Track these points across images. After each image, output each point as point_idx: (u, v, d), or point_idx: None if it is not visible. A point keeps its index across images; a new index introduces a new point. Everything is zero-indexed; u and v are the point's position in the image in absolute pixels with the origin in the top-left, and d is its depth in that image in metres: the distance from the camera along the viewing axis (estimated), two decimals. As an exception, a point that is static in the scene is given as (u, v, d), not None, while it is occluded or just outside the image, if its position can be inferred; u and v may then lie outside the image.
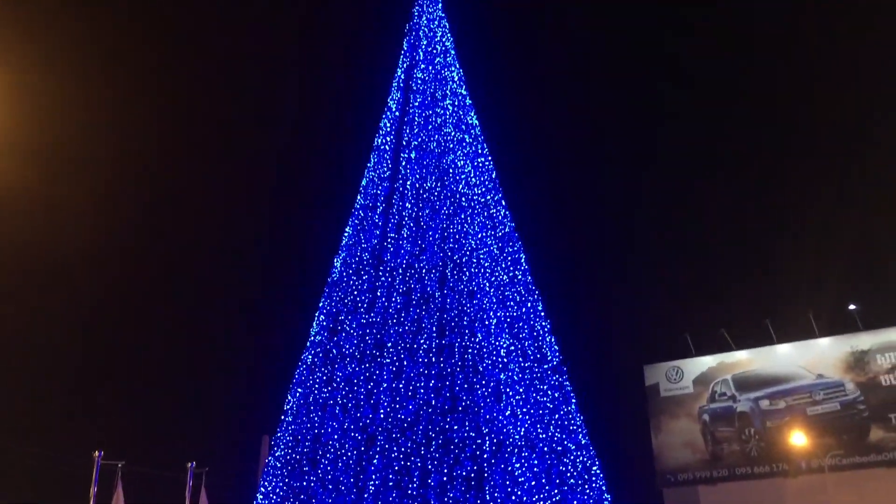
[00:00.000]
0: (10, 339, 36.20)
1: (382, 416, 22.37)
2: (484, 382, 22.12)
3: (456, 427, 21.59)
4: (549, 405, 24.68)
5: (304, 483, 22.92)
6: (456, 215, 25.22)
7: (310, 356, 25.14)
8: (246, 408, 39.42)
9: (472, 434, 21.38)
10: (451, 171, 26.23)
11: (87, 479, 24.04)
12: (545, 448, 23.33)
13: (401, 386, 22.61)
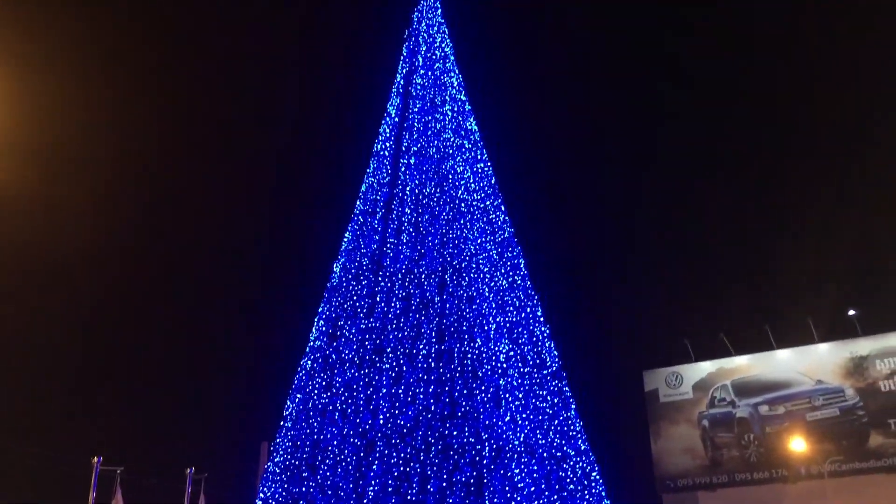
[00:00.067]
0: (10, 340, 36.23)
1: (382, 421, 22.33)
2: (483, 388, 22.10)
3: (455, 433, 21.56)
4: (549, 411, 24.68)
5: (304, 489, 22.87)
6: (455, 221, 25.24)
7: (309, 361, 25.12)
8: (245, 413, 39.42)
9: (472, 440, 21.36)
10: (450, 176, 26.27)
11: (87, 481, 23.97)
12: (544, 454, 23.31)
13: (400, 391, 22.58)
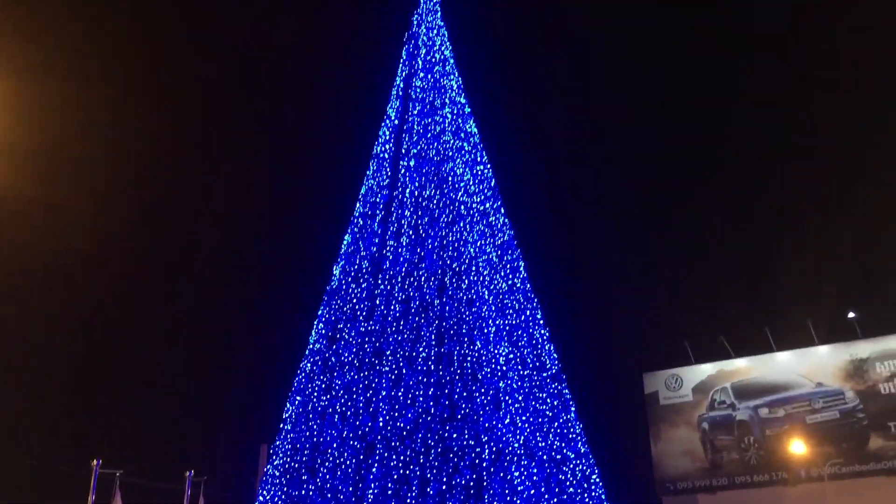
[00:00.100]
0: (9, 341, 36.18)
1: (381, 424, 22.30)
2: (483, 391, 22.07)
3: (455, 435, 21.53)
4: (549, 413, 24.66)
5: (303, 492, 22.83)
6: (455, 223, 25.23)
7: (308, 364, 25.10)
8: (244, 416, 39.36)
9: (472, 442, 21.33)
10: (450, 179, 26.26)
11: (86, 484, 23.95)
12: (544, 456, 23.29)
13: (400, 394, 22.56)
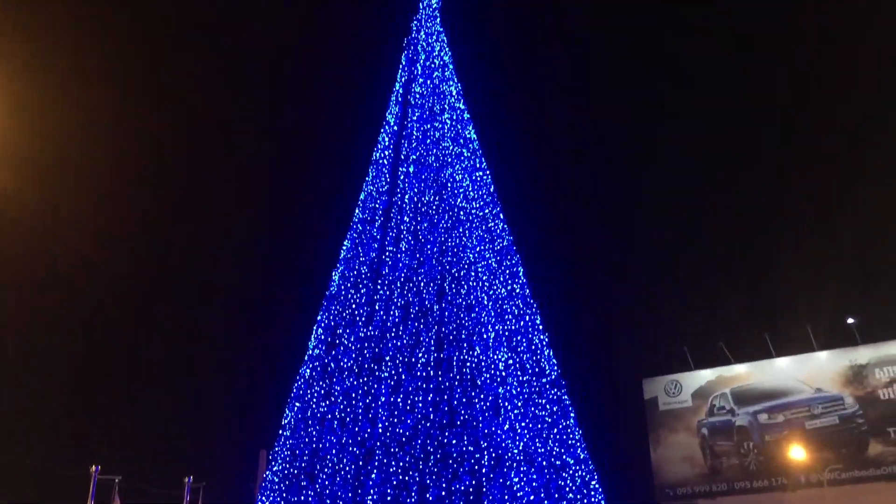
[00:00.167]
0: (9, 344, 36.15)
1: (380, 430, 22.28)
2: (482, 396, 22.06)
3: (454, 441, 21.52)
4: (548, 419, 24.65)
5: (302, 498, 22.79)
6: (454, 229, 25.25)
7: (308, 370, 25.08)
8: (244, 421, 39.30)
9: (471, 448, 21.30)
10: (449, 184, 26.29)
11: (85, 490, 23.91)
12: (544, 462, 23.26)
13: (399, 400, 22.55)
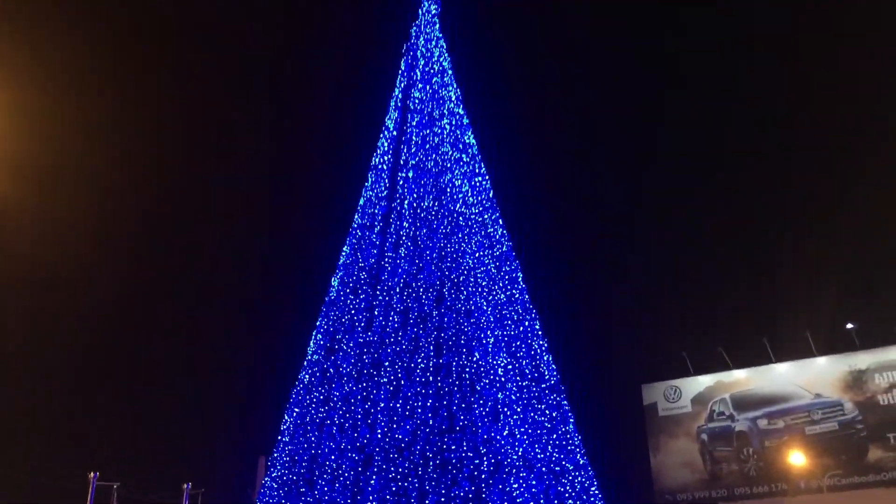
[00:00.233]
0: (9, 345, 36.13)
1: (379, 436, 22.23)
2: (482, 402, 22.02)
3: (454, 447, 21.46)
4: (547, 425, 24.60)
5: (301, 504, 22.76)
6: (453, 234, 25.24)
7: (307, 375, 25.05)
8: (242, 428, 39.24)
9: (470, 454, 21.26)
10: (448, 190, 26.30)
11: (84, 497, 23.89)
12: (543, 468, 23.20)
13: (398, 405, 22.50)
